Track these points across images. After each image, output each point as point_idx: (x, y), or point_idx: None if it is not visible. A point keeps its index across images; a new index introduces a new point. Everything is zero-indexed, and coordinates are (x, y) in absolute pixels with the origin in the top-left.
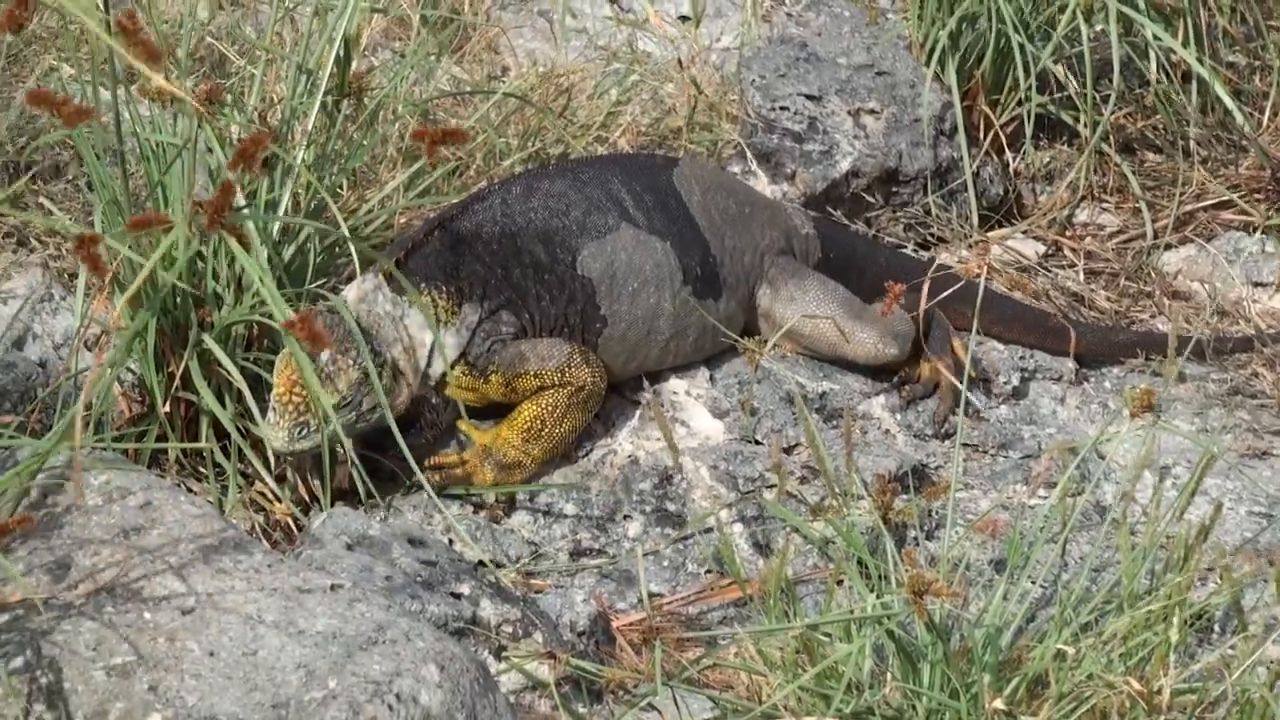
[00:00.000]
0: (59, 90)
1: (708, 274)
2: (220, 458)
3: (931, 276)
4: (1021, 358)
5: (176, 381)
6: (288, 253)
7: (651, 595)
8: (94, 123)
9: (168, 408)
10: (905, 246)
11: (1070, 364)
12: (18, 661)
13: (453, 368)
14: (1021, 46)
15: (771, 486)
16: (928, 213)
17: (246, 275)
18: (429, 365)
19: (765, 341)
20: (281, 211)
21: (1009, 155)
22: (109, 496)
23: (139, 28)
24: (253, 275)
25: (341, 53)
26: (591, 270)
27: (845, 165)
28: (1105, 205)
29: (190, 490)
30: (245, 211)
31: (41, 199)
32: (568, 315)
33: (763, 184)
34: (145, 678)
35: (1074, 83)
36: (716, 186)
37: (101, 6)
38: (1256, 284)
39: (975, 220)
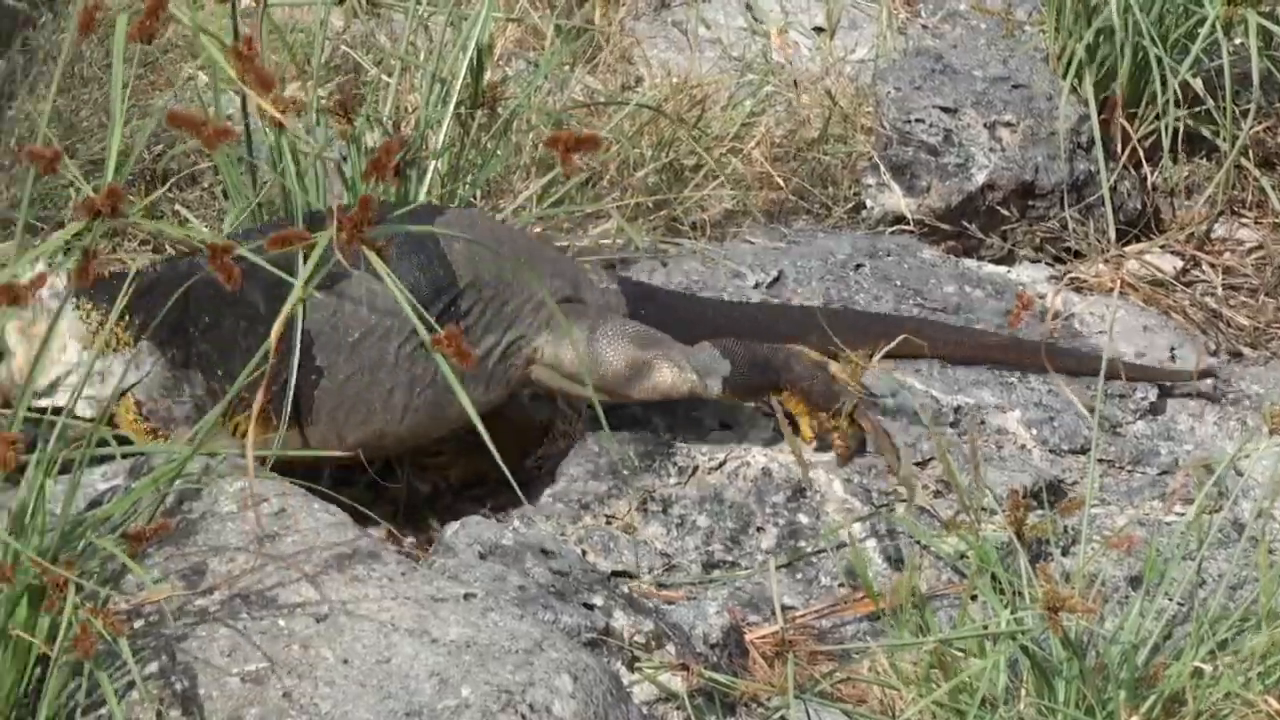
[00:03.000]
0: (194, 98)
1: (452, 322)
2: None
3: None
4: None
5: None
6: None
7: (784, 608)
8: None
9: None
10: (1038, 261)
11: (1208, 381)
12: (153, 667)
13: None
14: (1159, 59)
15: (904, 501)
16: (1064, 227)
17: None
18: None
19: (869, 356)
20: None
21: (1146, 169)
22: (244, 503)
23: (255, 54)
24: (391, 290)
25: (475, 62)
26: (314, 321)
27: (981, 178)
28: (1244, 220)
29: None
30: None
31: (177, 206)
32: (283, 368)
33: (897, 197)
34: (279, 685)
35: (1213, 96)
36: (487, 236)
37: (231, 24)
38: None
39: (1112, 234)
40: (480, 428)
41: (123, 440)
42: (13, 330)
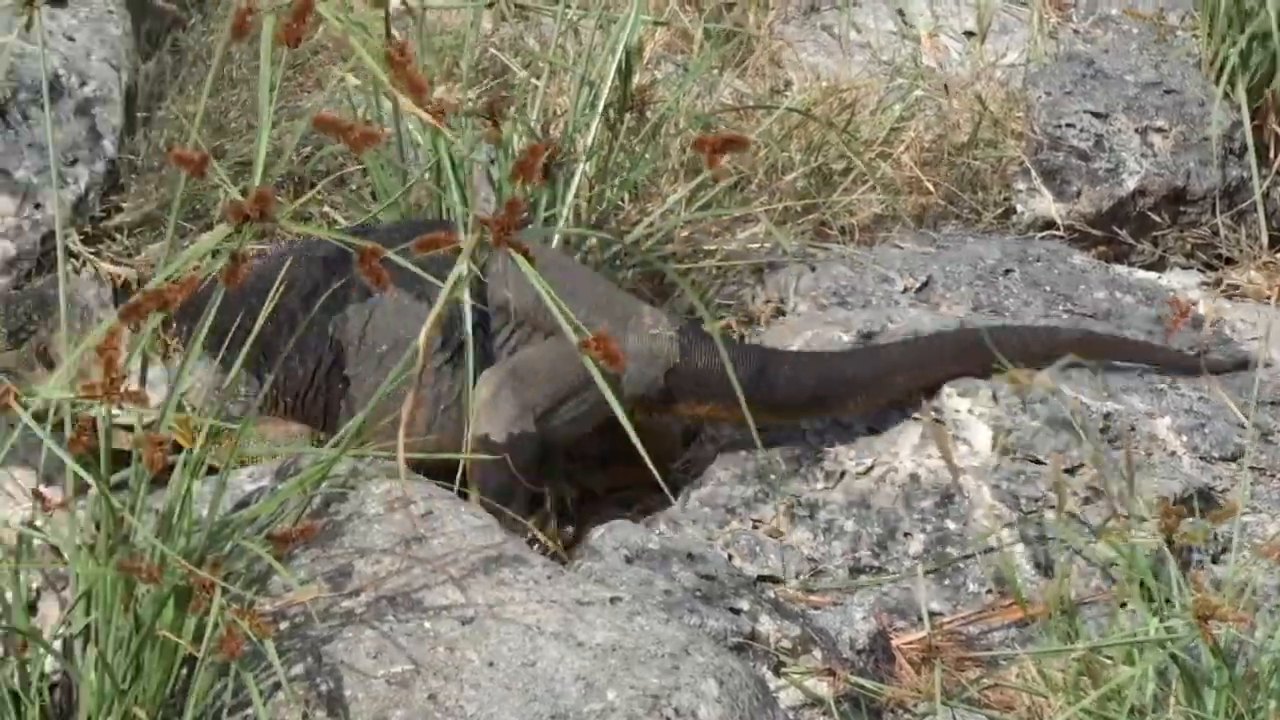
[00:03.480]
0: (344, 101)
1: (479, 347)
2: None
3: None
4: None
5: None
6: None
7: (932, 614)
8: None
9: None
10: (1189, 268)
11: None
12: (298, 669)
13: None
14: None
15: (1053, 507)
16: (1215, 233)
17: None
18: None
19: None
20: (562, 224)
21: None
22: (391, 505)
23: (408, 59)
24: (539, 290)
25: (624, 65)
26: (345, 332)
27: (1132, 184)
28: None
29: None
30: (530, 228)
31: (325, 208)
32: (314, 376)
33: (1047, 202)
34: (425, 687)
35: None
36: (544, 265)
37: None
38: None
39: (1265, 240)
40: (631, 434)
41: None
42: (60, 340)
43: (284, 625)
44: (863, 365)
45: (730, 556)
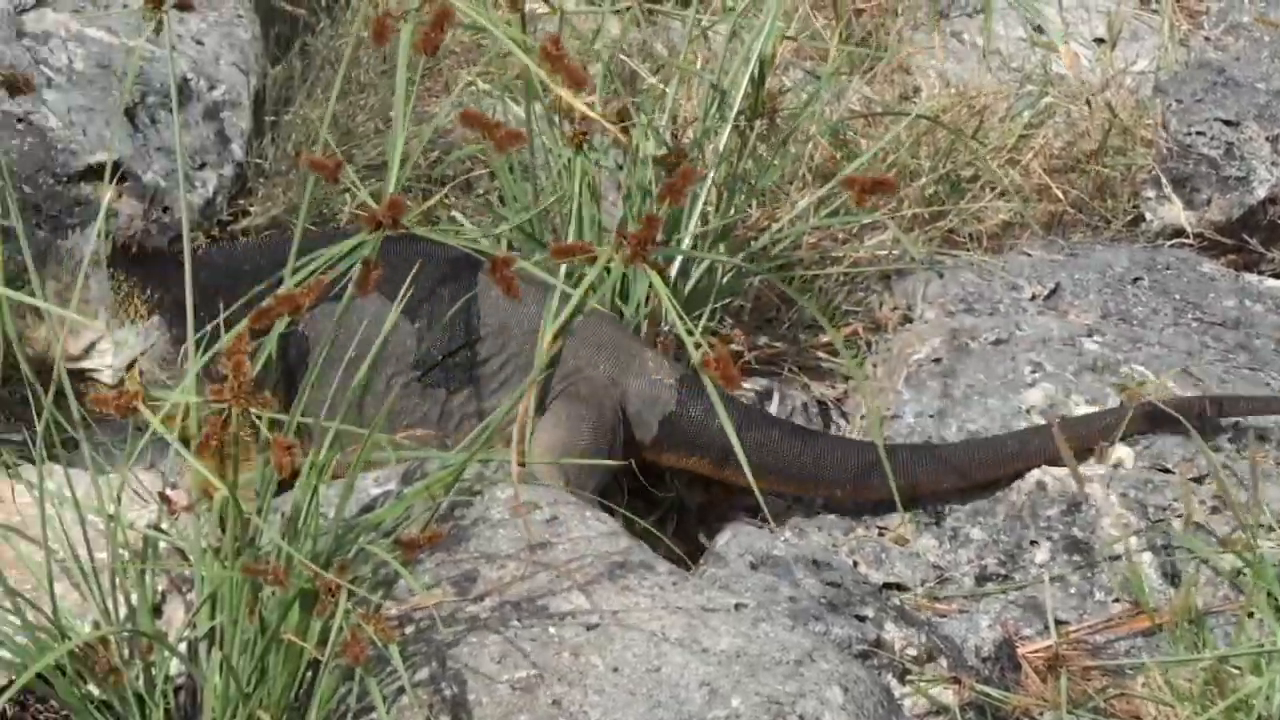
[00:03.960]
0: (474, 104)
1: (456, 367)
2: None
3: None
4: None
5: None
6: (696, 272)
7: (1058, 623)
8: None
9: None
10: None
11: None
12: (423, 673)
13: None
14: None
15: (1181, 516)
16: None
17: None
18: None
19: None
20: (689, 230)
21: None
22: (515, 511)
23: (564, 54)
24: (664, 302)
25: (756, 72)
26: (314, 329)
27: (1262, 192)
28: None
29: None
30: (667, 246)
31: (453, 213)
32: (280, 369)
33: (1177, 209)
34: (549, 692)
35: None
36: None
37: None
38: None
39: None
40: (740, 456)
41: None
42: (53, 293)
43: (409, 630)
44: (862, 454)
45: (856, 563)
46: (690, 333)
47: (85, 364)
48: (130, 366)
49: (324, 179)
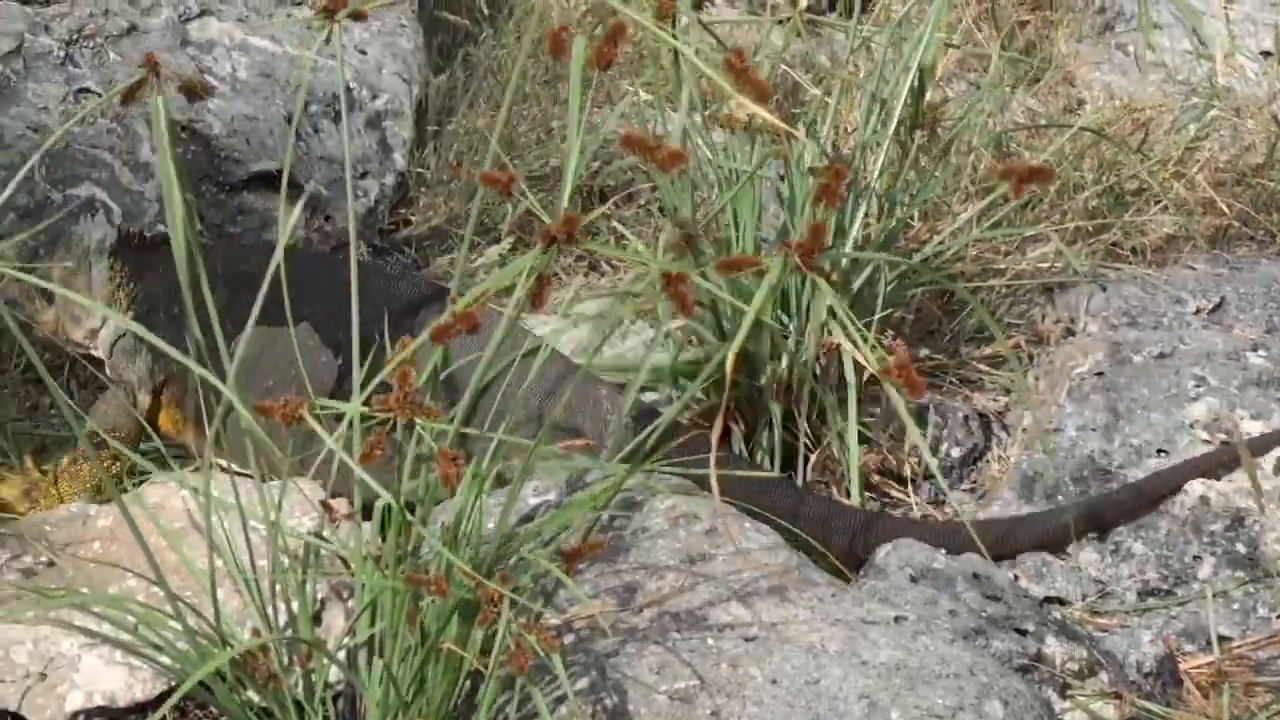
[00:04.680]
0: (634, 116)
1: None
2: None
3: None
4: None
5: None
6: (857, 283)
7: (1221, 638)
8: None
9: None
10: None
11: None
12: (583, 683)
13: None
14: None
15: None
16: None
17: (815, 305)
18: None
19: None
20: (851, 241)
21: None
22: (675, 521)
23: (748, 66)
24: (832, 310)
25: (917, 83)
26: (246, 353)
27: None
28: None
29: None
30: (832, 251)
31: (614, 223)
32: (208, 388)
33: None
34: (708, 703)
35: None
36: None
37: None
38: None
39: None
40: None
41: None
42: (55, 276)
43: (569, 639)
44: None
45: (1016, 577)
46: (865, 339)
47: (90, 350)
48: (164, 390)
49: (500, 195)
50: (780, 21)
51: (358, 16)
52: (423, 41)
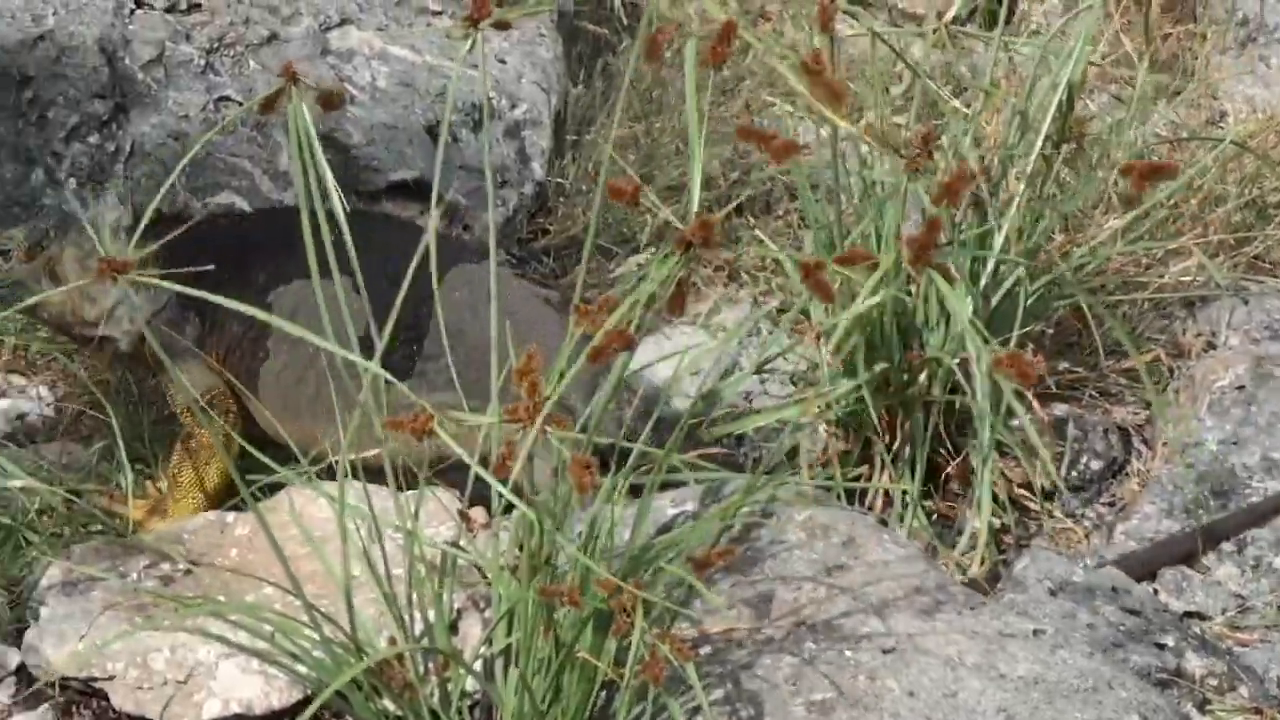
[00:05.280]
0: (774, 126)
1: (399, 358)
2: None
3: None
4: None
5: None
6: (996, 296)
7: None
8: (806, 158)
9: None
10: None
11: None
12: (718, 693)
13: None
14: None
15: None
16: None
17: (954, 317)
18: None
19: None
20: (994, 252)
21: None
22: (812, 533)
23: (823, 68)
24: (957, 312)
25: (1063, 97)
26: (277, 306)
27: None
28: None
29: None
30: (949, 248)
31: (755, 232)
32: (242, 338)
33: None
34: (845, 715)
35: None
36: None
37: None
38: None
39: None
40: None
41: (693, 467)
42: (70, 259)
43: (704, 650)
44: None
45: (1156, 591)
46: (986, 340)
47: (102, 330)
48: (142, 337)
49: (625, 205)
50: (923, 32)
51: (501, 26)
52: (562, 51)
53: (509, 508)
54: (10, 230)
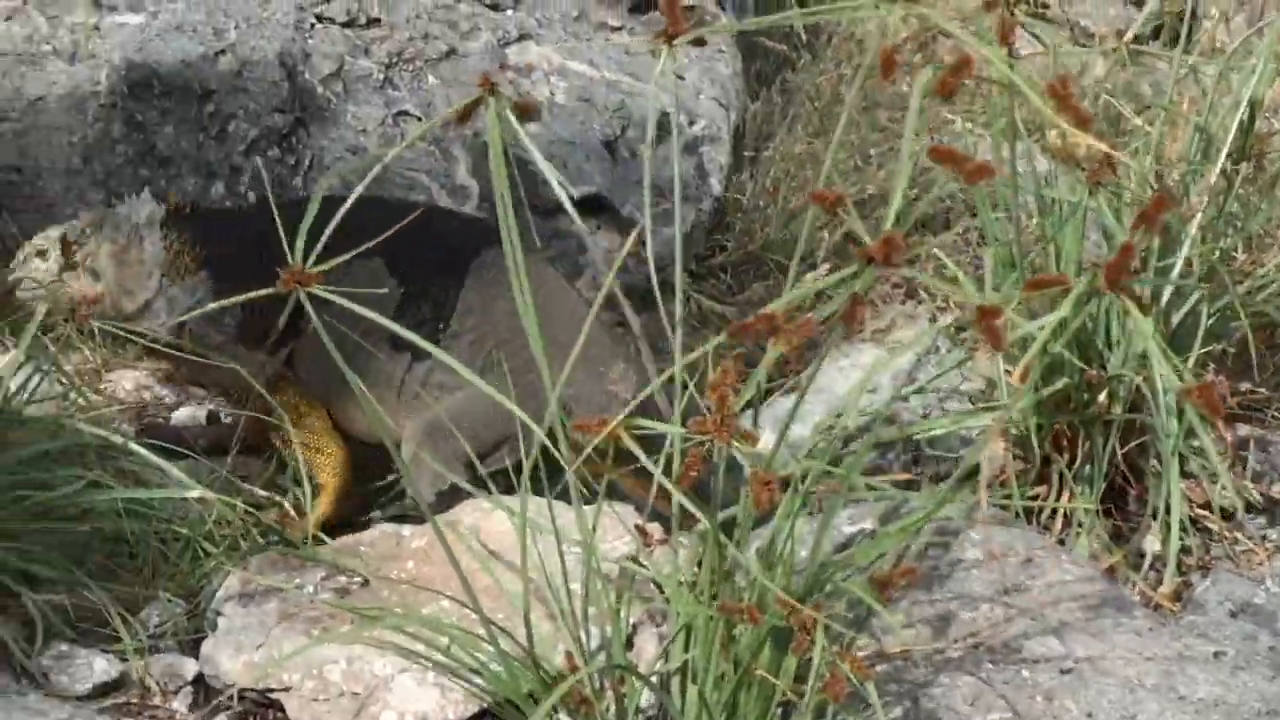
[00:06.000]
0: (955, 143)
1: (428, 336)
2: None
3: None
4: None
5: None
6: (1178, 315)
7: None
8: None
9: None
10: None
11: None
12: (896, 712)
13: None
14: None
15: None
16: None
17: (1135, 336)
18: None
19: None
20: (1175, 274)
21: None
22: (990, 553)
23: (1070, 93)
24: (1143, 334)
25: (1245, 116)
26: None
27: None
28: None
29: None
30: (1142, 276)
31: (934, 250)
32: (287, 324)
33: None
34: None
35: None
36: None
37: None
38: None
39: None
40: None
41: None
42: (106, 254)
43: (882, 669)
44: None
45: None
46: (1178, 373)
47: (140, 324)
48: (181, 325)
49: (826, 213)
50: (1105, 51)
51: (698, 43)
52: (740, 67)
53: (687, 522)
54: (48, 230)
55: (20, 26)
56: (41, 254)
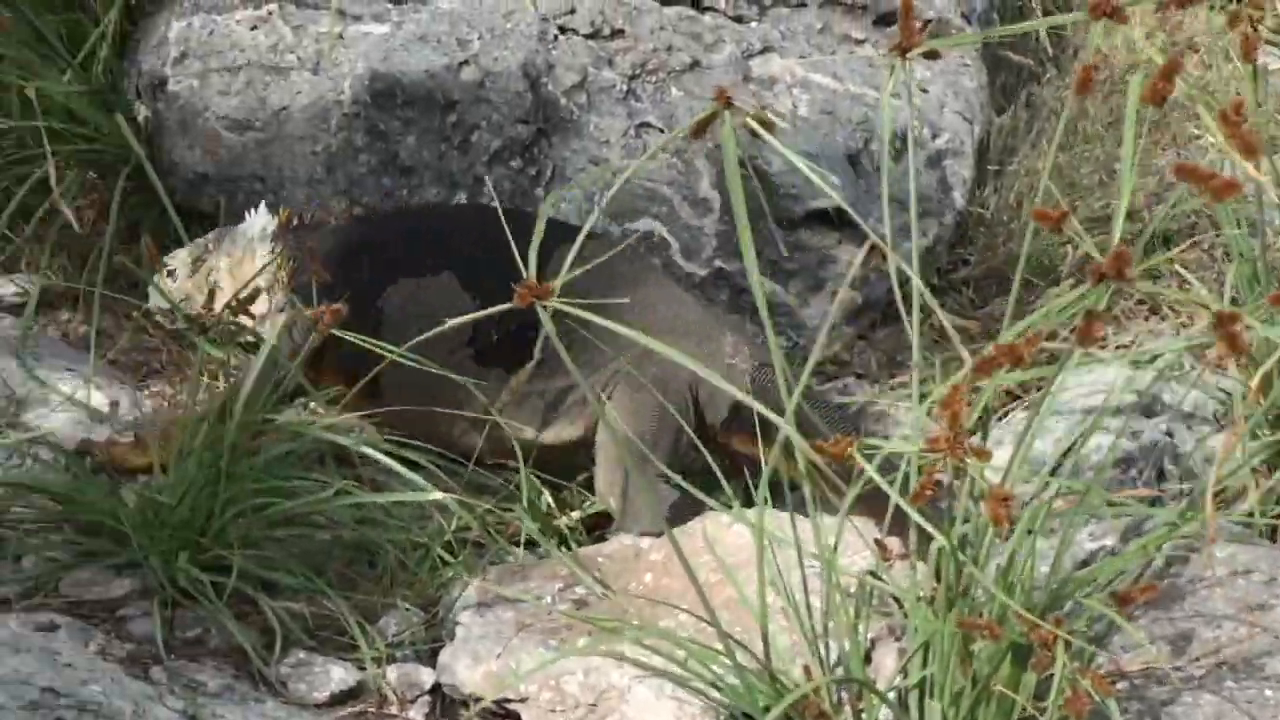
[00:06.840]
0: (1201, 159)
1: (508, 345)
2: None
3: None
4: None
5: None
6: None
7: None
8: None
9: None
10: None
11: None
12: None
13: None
14: None
15: None
16: None
17: None
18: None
19: None
20: None
21: None
22: (1233, 571)
23: (1240, 118)
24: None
25: None
26: (392, 304)
27: None
28: None
29: None
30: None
31: (1176, 266)
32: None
33: None
34: None
35: None
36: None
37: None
38: None
39: None
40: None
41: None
42: (224, 267)
43: (1123, 686)
44: None
45: None
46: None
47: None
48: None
49: (1050, 230)
50: None
51: (931, 56)
52: (985, 80)
53: (927, 538)
54: (176, 250)
55: (265, 36)
56: (170, 273)
